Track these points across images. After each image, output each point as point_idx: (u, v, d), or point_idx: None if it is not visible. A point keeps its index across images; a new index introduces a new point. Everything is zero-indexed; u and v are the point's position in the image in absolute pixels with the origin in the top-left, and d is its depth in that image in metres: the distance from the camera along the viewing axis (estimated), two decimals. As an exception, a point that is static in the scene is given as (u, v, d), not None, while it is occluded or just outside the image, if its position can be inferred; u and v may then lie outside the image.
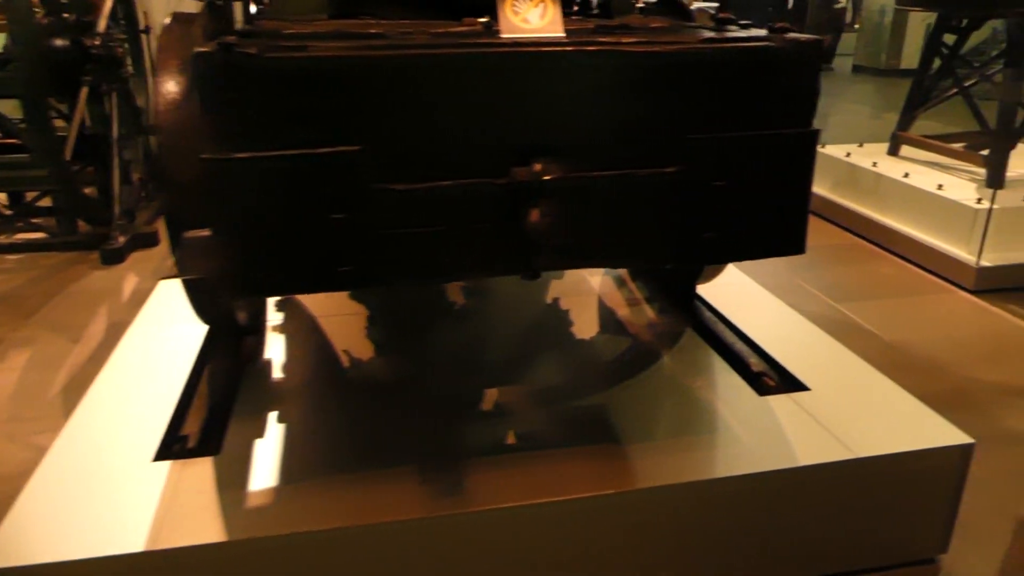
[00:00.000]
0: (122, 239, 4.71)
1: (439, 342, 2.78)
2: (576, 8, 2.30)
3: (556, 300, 3.10)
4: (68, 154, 4.36)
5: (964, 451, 2.16)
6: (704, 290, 3.08)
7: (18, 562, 1.70)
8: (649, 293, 3.16)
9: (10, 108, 4.69)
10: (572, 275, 3.32)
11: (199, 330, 2.73)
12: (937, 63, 5.08)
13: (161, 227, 5.20)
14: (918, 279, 4.45)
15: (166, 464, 2.05)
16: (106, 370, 2.57)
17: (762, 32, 1.82)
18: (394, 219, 1.66)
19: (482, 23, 1.95)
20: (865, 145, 5.71)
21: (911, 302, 4.18)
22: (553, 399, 2.42)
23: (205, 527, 1.82)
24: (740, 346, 2.71)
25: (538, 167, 1.62)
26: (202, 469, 2.04)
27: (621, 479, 2.01)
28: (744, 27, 2.04)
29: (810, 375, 2.51)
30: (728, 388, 2.45)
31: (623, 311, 3.02)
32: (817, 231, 4.44)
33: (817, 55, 1.77)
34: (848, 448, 2.12)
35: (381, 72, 1.56)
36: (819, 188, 5.52)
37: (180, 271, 2.07)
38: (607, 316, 2.98)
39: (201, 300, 2.34)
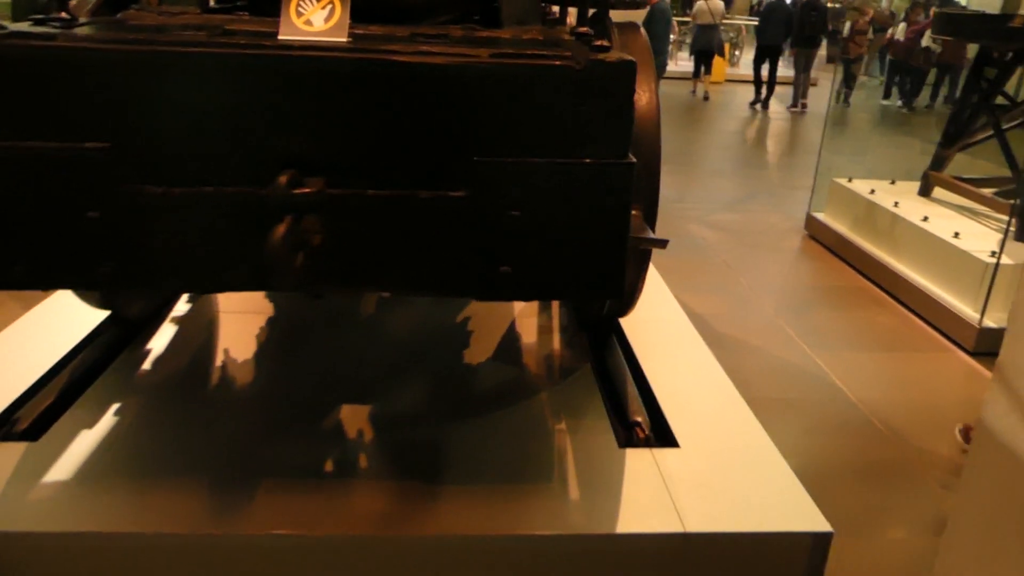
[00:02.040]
0: None
1: (327, 353, 2.69)
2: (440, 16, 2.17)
3: (466, 320, 2.96)
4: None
5: (818, 540, 1.90)
6: (630, 324, 2.88)
7: None
8: (566, 321, 2.98)
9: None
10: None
11: (95, 316, 2.76)
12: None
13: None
14: (916, 333, 4.05)
15: (-6, 446, 2.06)
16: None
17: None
18: (153, 222, 1.59)
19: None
20: (898, 183, 5.27)
21: (899, 358, 3.80)
22: (399, 427, 2.29)
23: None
24: (630, 390, 2.49)
25: (283, 179, 1.50)
26: (12, 452, 2.03)
27: (427, 521, 1.88)
28: (597, 48, 1.85)
29: (689, 432, 2.29)
30: (590, 435, 2.26)
31: (529, 338, 2.86)
32: (825, 270, 4.12)
33: (629, 78, 1.57)
34: (681, 520, 1.90)
35: (123, 67, 1.49)
36: (838, 225, 5.14)
37: None
38: (509, 343, 2.82)
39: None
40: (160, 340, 2.72)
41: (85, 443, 2.10)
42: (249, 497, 1.93)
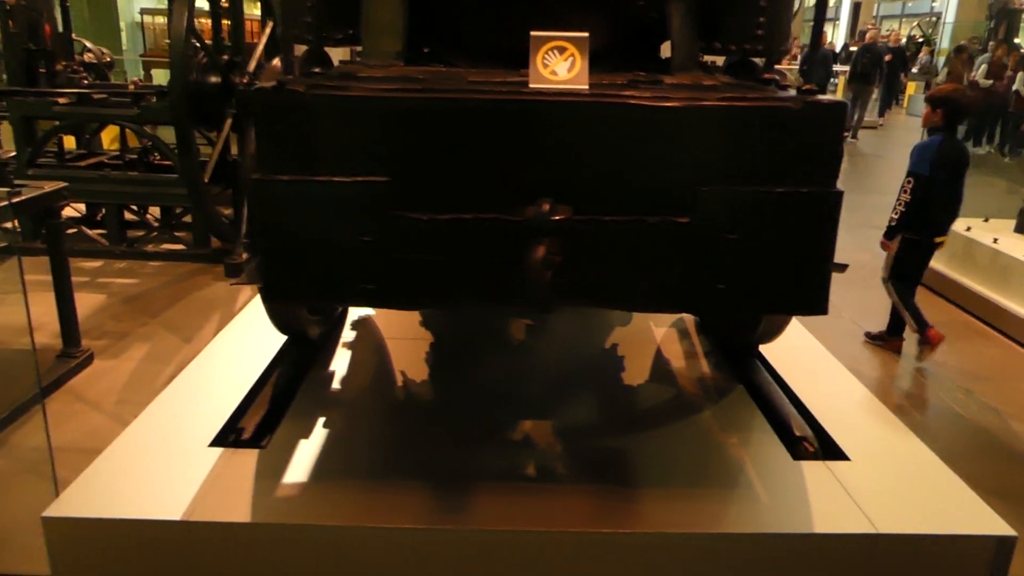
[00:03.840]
0: (244, 255, 5.19)
1: (492, 374, 2.90)
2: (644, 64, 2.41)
3: (614, 346, 3.15)
4: (207, 177, 4.89)
5: (1003, 543, 2.02)
6: (768, 350, 3.04)
7: (75, 514, 1.97)
8: (709, 348, 3.15)
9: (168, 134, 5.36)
10: (636, 323, 3.36)
11: (280, 338, 3.02)
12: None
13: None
14: (1028, 365, 4.12)
15: (218, 450, 2.29)
16: (193, 364, 2.89)
17: (788, 94, 1.87)
18: (417, 246, 1.83)
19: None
20: (991, 220, 5.36)
21: (1017, 388, 3.87)
22: (583, 437, 2.47)
23: (234, 509, 2.02)
24: (787, 408, 2.64)
25: (546, 207, 1.73)
26: (248, 458, 2.27)
27: (628, 520, 2.04)
28: (783, 88, 2.08)
29: (855, 445, 2.42)
30: (763, 448, 2.41)
31: (678, 362, 3.03)
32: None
33: (840, 118, 1.79)
34: (871, 523, 2.04)
35: (405, 112, 1.75)
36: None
37: (248, 280, 2.32)
38: (660, 365, 3.00)
39: (272, 309, 2.61)
40: (340, 362, 2.96)
41: (307, 450, 2.32)
42: (465, 496, 2.12)
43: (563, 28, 2.37)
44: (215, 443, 2.34)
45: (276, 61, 2.66)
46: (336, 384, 2.80)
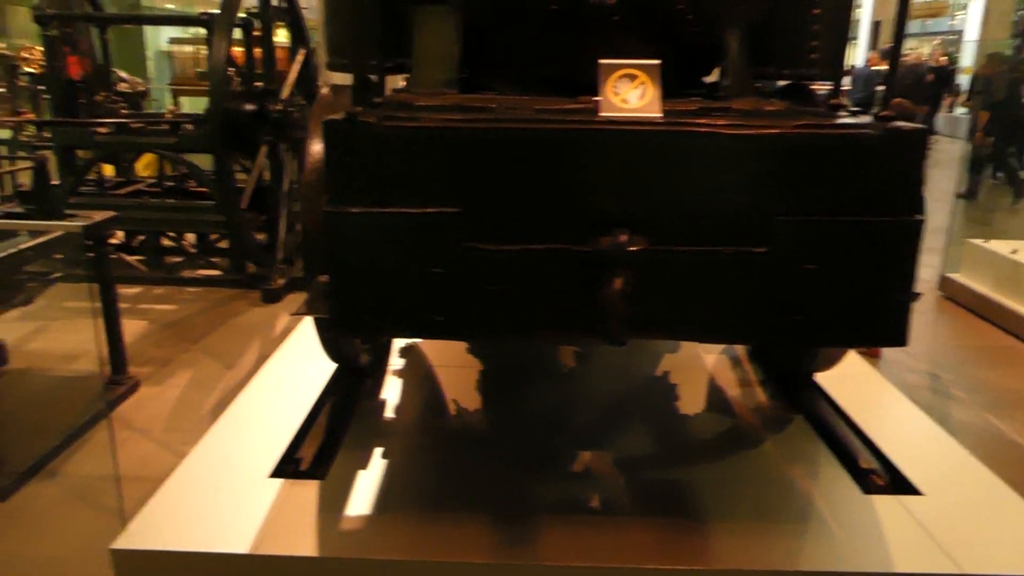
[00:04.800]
0: (280, 281, 5.22)
1: (544, 402, 2.87)
2: (687, 90, 2.40)
3: (666, 374, 3.11)
4: (244, 203, 4.94)
5: (1093, 581, 1.94)
6: (824, 379, 2.98)
7: (143, 547, 1.95)
8: (763, 376, 3.09)
9: (202, 161, 5.42)
10: (686, 351, 3.32)
11: (328, 366, 3.01)
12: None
13: (317, 273, 5.72)
14: (1084, 391, 4.02)
15: (279, 481, 2.27)
16: (244, 394, 2.88)
17: (865, 120, 1.83)
18: (486, 277, 1.80)
19: (596, 101, 2.10)
20: (1036, 243, 5.28)
21: (1074, 415, 3.77)
22: (641, 468, 2.43)
23: (300, 542, 2.00)
24: (851, 440, 2.59)
25: (623, 237, 1.70)
26: (308, 490, 2.24)
27: (697, 556, 1.99)
28: (854, 113, 2.05)
29: (925, 479, 2.36)
30: (830, 481, 2.36)
31: (733, 391, 2.98)
32: (968, 330, 4.15)
33: (921, 145, 1.75)
34: (955, 562, 1.97)
35: (479, 142, 1.73)
36: (979, 285, 5.15)
37: (308, 311, 2.31)
38: (715, 394, 2.95)
39: (327, 338, 2.60)
40: (391, 391, 2.94)
41: (367, 481, 2.29)
42: (528, 529, 2.08)
43: (615, 54, 2.38)
44: (275, 474, 2.32)
45: (325, 90, 2.67)
46: (389, 413, 2.77)
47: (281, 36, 6.37)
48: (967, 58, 17.52)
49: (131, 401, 3.69)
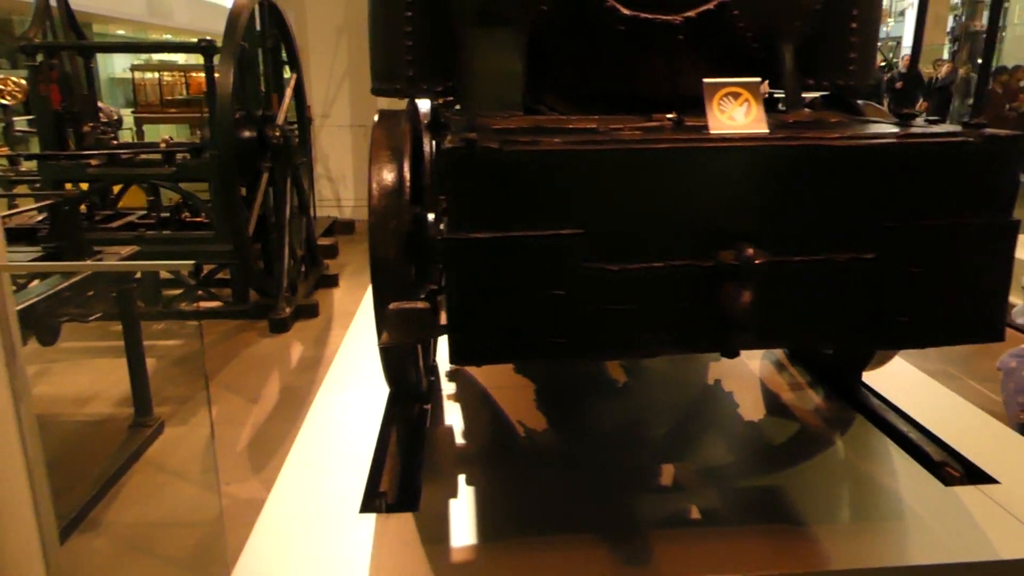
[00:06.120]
0: (288, 310, 5.12)
1: (608, 417, 2.88)
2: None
3: (718, 382, 3.15)
4: (250, 231, 4.83)
5: None
6: (866, 375, 3.06)
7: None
8: (812, 378, 3.16)
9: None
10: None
11: (376, 395, 2.97)
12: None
13: (321, 299, 5.63)
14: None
15: (371, 517, 2.22)
16: (304, 430, 2.81)
17: (954, 127, 1.91)
18: (606, 297, 1.81)
19: (671, 119, 2.13)
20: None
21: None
22: (726, 477, 2.45)
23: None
24: (915, 435, 2.66)
25: (749, 251, 1.73)
26: (404, 523, 2.20)
27: (806, 559, 2.02)
28: (932, 122, 2.13)
29: (996, 468, 2.44)
30: (910, 477, 2.42)
31: (787, 395, 3.04)
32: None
33: (1017, 150, 1.83)
34: (1054, 545, 2.04)
35: (608, 164, 1.74)
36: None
37: (382, 339, 2.27)
38: (771, 399, 3.00)
39: (394, 367, 2.56)
40: (453, 416, 2.90)
41: (461, 510, 2.27)
42: (639, 546, 2.08)
43: (678, 72, 2.42)
44: (365, 509, 2.27)
45: (376, 116, 2.64)
46: (459, 439, 2.74)
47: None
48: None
49: (159, 443, 3.56)
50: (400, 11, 2.73)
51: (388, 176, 2.37)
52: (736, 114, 1.88)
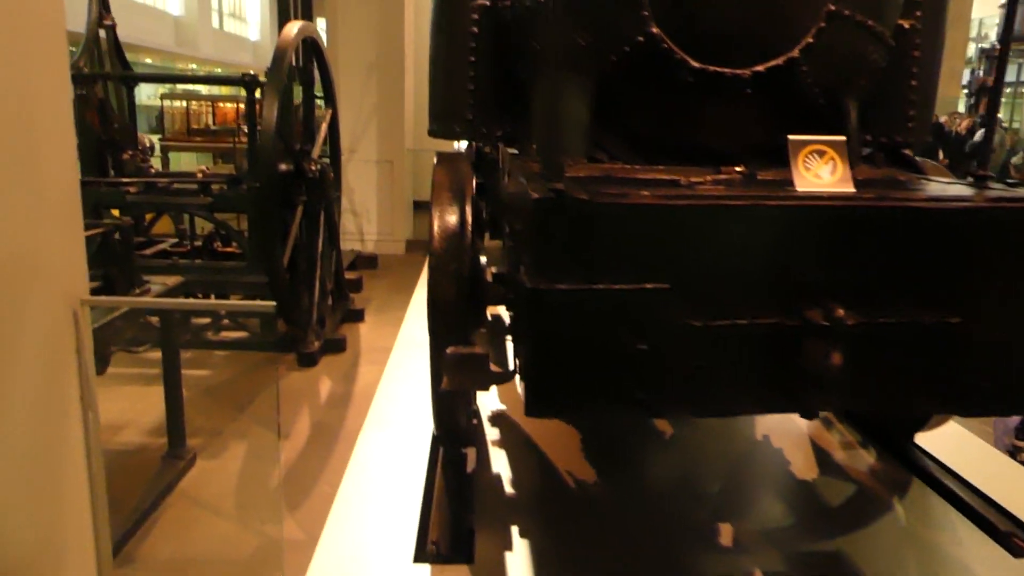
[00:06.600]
0: (317, 344, 5.08)
1: (656, 469, 2.82)
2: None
3: (766, 437, 3.10)
4: (285, 263, 4.82)
5: None
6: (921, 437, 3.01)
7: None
8: (863, 437, 3.10)
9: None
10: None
11: (417, 435, 2.93)
12: None
13: (347, 333, 5.59)
14: None
15: (426, 567, 2.17)
16: (348, 473, 2.76)
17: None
18: (690, 353, 1.78)
19: (740, 172, 2.12)
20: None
21: None
22: (788, 539, 2.39)
23: (480, 634, 1.90)
24: (977, 502, 2.59)
25: (840, 312, 1.70)
26: (459, 575, 2.14)
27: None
28: (1012, 185, 2.11)
29: (1065, 539, 2.37)
30: (977, 547, 2.35)
31: (839, 454, 2.98)
32: None
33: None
34: None
35: (701, 218, 1.73)
36: None
37: (440, 383, 2.23)
38: (823, 458, 2.94)
39: (446, 411, 2.52)
40: (499, 462, 2.85)
41: (517, 563, 2.21)
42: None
43: (744, 125, 2.42)
44: (419, 559, 2.21)
45: (435, 159, 2.64)
46: (508, 487, 2.68)
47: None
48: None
49: (192, 475, 3.50)
50: (464, 56, 2.76)
51: (451, 218, 2.36)
52: (822, 172, 1.87)
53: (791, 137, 1.90)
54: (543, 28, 2.30)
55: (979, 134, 11.24)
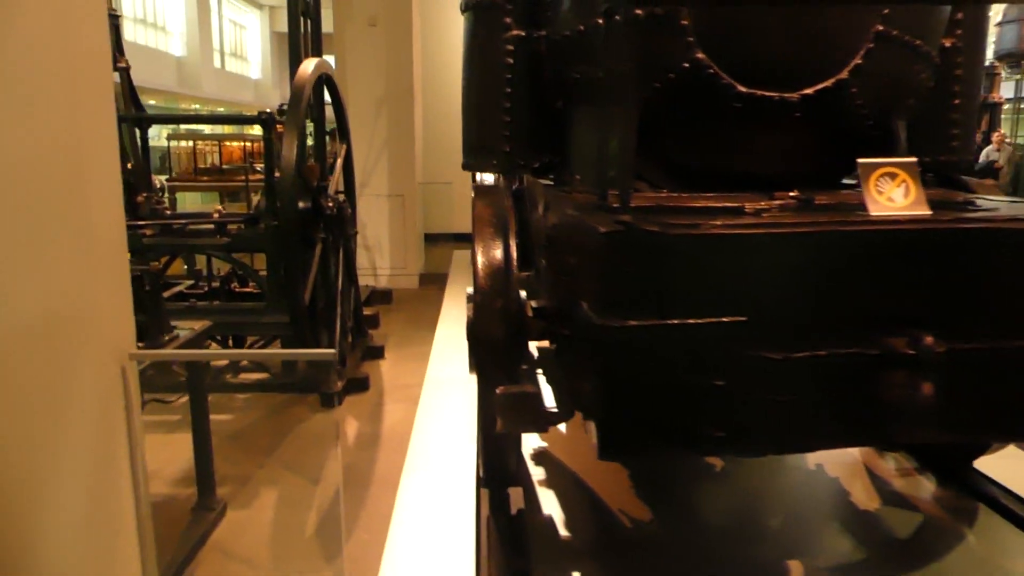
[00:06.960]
0: (340, 384, 4.98)
1: (711, 505, 2.72)
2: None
3: (820, 466, 3.00)
4: (306, 301, 4.75)
5: None
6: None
7: None
8: (917, 463, 3.00)
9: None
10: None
11: (459, 476, 2.84)
12: None
13: (369, 371, 5.50)
14: None
15: (488, 620, 2.07)
16: (394, 522, 2.66)
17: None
18: (769, 387, 1.70)
19: (794, 197, 2.06)
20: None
21: None
22: (862, 573, 2.29)
23: None
24: (1047, 527, 2.50)
25: (928, 340, 1.63)
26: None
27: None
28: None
29: None
30: (1058, 576, 2.25)
31: (898, 482, 2.88)
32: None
33: None
34: None
35: (776, 247, 1.66)
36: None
37: (490, 425, 2.14)
38: (882, 487, 2.84)
39: (495, 453, 2.44)
40: (549, 504, 2.76)
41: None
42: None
43: (790, 148, 2.37)
44: (480, 612, 2.11)
45: (472, 194, 2.58)
46: (562, 529, 2.58)
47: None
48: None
49: (223, 527, 3.39)
50: (499, 88, 2.71)
51: (495, 253, 2.29)
52: (895, 195, 1.80)
53: (861, 160, 1.84)
54: (590, 56, 2.26)
55: (985, 152, 11.24)
